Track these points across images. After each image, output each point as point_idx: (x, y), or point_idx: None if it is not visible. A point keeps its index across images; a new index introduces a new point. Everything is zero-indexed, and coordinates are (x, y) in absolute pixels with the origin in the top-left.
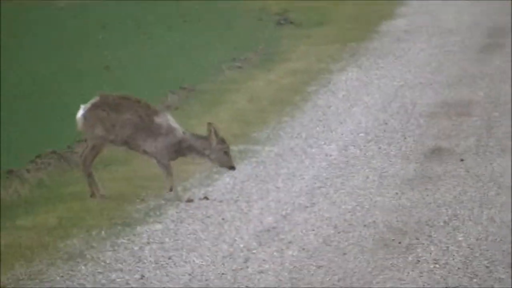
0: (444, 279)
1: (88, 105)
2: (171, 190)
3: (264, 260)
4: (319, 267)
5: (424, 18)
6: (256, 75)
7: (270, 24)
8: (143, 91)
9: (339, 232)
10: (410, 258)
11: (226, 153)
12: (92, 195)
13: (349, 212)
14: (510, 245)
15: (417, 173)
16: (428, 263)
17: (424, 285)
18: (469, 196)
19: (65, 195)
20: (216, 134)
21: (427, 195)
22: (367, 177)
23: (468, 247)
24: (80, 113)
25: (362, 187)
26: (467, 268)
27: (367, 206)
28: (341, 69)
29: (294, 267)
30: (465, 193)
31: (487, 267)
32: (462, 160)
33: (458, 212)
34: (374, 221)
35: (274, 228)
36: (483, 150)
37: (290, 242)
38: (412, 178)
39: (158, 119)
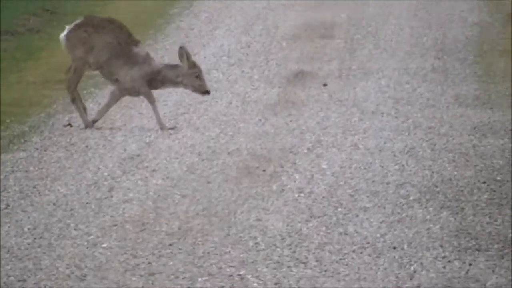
0: (308, 209)
1: (71, 25)
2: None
3: (128, 189)
4: (183, 196)
5: None
6: None
7: None
8: (4, 14)
9: (203, 160)
10: (274, 187)
11: (198, 77)
12: (88, 124)
13: (213, 139)
14: (373, 173)
15: (280, 98)
16: (292, 192)
17: (288, 215)
18: (333, 122)
19: None
20: (188, 58)
21: (291, 121)
22: (230, 103)
23: (332, 175)
24: (63, 33)
25: (225, 113)
26: (331, 197)
27: (230, 133)
28: None
29: (159, 196)
30: (328, 119)
31: (351, 195)
32: (325, 85)
33: (322, 138)
34: (238, 148)
35: (138, 155)
36: (346, 74)
37: (154, 170)
38: (275, 103)
39: (136, 49)
